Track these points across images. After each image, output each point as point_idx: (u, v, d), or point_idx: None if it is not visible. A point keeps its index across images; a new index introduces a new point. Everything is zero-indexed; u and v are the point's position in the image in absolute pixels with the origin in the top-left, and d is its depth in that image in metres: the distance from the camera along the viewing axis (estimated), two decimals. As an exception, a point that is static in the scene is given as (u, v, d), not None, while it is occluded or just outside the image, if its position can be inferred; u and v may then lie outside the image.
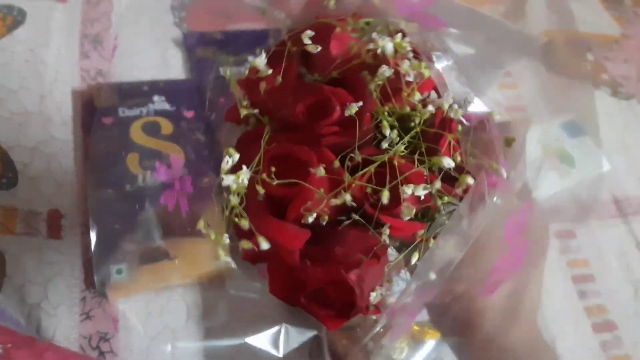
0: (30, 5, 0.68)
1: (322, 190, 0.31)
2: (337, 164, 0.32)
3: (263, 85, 0.34)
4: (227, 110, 0.39)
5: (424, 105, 0.33)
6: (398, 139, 0.32)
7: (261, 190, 0.31)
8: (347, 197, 0.31)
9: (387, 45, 0.33)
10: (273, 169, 0.32)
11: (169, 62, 0.69)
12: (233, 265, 0.47)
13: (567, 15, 0.41)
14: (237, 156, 0.32)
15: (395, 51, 0.33)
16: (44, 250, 0.53)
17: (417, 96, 0.33)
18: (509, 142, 0.33)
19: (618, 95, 0.79)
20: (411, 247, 0.32)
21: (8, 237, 0.53)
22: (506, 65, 0.41)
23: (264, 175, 0.32)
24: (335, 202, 0.31)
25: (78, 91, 0.63)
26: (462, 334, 0.36)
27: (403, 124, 0.33)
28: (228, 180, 0.31)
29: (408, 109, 0.33)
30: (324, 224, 0.32)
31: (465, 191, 0.31)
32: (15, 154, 0.58)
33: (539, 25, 0.42)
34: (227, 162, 0.32)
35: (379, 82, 0.32)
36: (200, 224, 0.33)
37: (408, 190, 0.30)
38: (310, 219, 0.31)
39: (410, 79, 0.33)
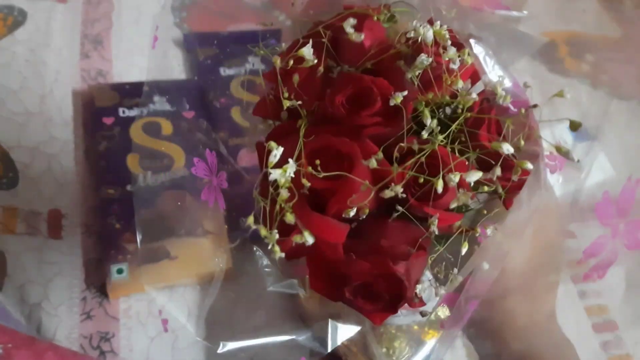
0: (31, 6, 0.68)
1: (366, 182, 0.30)
2: (380, 155, 0.31)
3: (296, 78, 0.33)
4: (255, 105, 0.38)
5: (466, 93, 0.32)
6: (438, 128, 0.32)
7: (307, 183, 0.31)
8: (398, 189, 0.30)
9: (428, 33, 0.32)
10: (318, 161, 0.31)
11: (169, 62, 0.69)
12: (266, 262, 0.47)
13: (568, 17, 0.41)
14: (281, 150, 0.31)
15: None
16: (44, 250, 0.53)
17: (460, 83, 0.32)
18: (574, 126, 0.32)
19: (618, 96, 0.79)
20: (452, 237, 0.32)
21: (9, 236, 0.53)
22: (507, 65, 0.41)
23: (310, 169, 0.31)
24: (388, 194, 0.30)
25: (79, 91, 0.64)
26: (493, 343, 0.36)
27: (438, 113, 0.33)
28: (275, 174, 0.30)
29: (448, 98, 0.32)
30: (364, 217, 0.31)
31: (521, 178, 0.31)
32: (15, 154, 0.58)
33: (540, 26, 0.42)
34: (275, 155, 0.30)
35: (418, 71, 0.32)
36: (250, 220, 0.31)
37: (455, 178, 0.30)
38: (352, 213, 0.30)
39: (453, 66, 0.32)
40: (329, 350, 0.45)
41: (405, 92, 0.31)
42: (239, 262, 0.54)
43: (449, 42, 0.33)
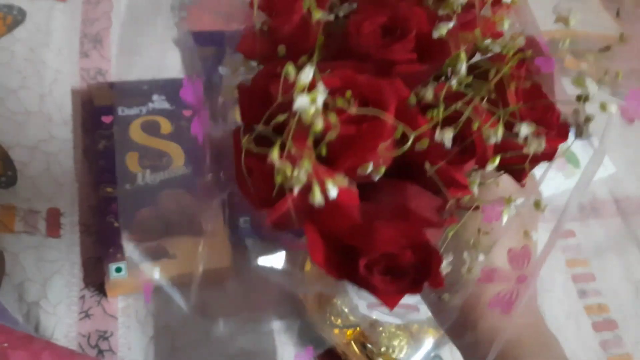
0: (31, 5, 0.68)
1: (401, 126, 0.25)
2: (413, 100, 0.26)
3: (308, 2, 0.27)
4: (240, 40, 0.31)
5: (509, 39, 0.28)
6: (469, 78, 0.27)
7: (334, 119, 0.24)
8: (448, 134, 0.25)
9: None
10: (349, 93, 0.25)
11: (168, 62, 0.69)
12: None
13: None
14: (311, 70, 0.24)
15: None
16: (43, 248, 0.53)
17: (507, 24, 0.28)
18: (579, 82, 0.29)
19: (617, 95, 0.79)
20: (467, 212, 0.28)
21: (7, 235, 0.52)
22: None
23: (340, 101, 0.25)
24: (421, 145, 0.25)
25: (78, 90, 0.64)
26: (465, 327, 0.35)
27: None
28: (302, 100, 0.23)
29: (489, 40, 0.28)
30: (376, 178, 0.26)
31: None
32: (15, 153, 0.58)
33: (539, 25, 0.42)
34: (307, 74, 0.24)
35: (454, 10, 0.27)
36: (274, 154, 0.24)
37: (497, 133, 0.25)
38: (369, 169, 0.25)
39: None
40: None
41: (452, 23, 0.26)
42: (238, 260, 0.54)
43: None
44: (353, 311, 0.50)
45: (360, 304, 0.51)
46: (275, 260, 0.46)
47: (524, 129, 0.26)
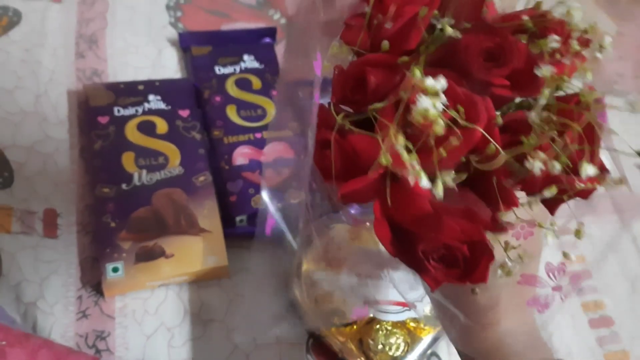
0: (26, 6, 0.68)
1: (493, 143, 0.28)
2: (500, 120, 0.29)
3: (424, 11, 0.31)
4: (345, 29, 0.35)
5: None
6: (545, 113, 0.30)
7: (441, 123, 0.27)
8: (537, 164, 0.28)
9: (577, 14, 0.31)
10: (461, 108, 0.28)
11: (164, 62, 0.69)
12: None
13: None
14: (443, 81, 0.28)
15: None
16: (40, 249, 0.53)
17: (590, 76, 0.31)
18: None
19: (613, 93, 0.79)
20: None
21: (4, 236, 0.53)
22: None
23: (452, 112, 0.28)
24: (512, 164, 0.29)
25: (74, 91, 0.64)
26: (469, 314, 0.36)
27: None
28: (425, 102, 0.27)
29: (570, 85, 0.31)
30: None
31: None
32: (11, 153, 0.58)
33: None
34: (441, 83, 0.28)
35: (546, 50, 0.30)
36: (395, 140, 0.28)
37: (558, 165, 0.28)
38: (452, 176, 0.28)
39: (600, 55, 0.31)
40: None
41: (553, 68, 0.29)
42: (235, 260, 0.54)
43: (592, 34, 0.32)
44: (350, 309, 0.50)
45: (357, 302, 0.51)
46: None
47: (590, 169, 0.29)
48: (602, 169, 0.31)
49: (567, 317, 0.59)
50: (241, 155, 0.60)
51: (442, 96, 0.28)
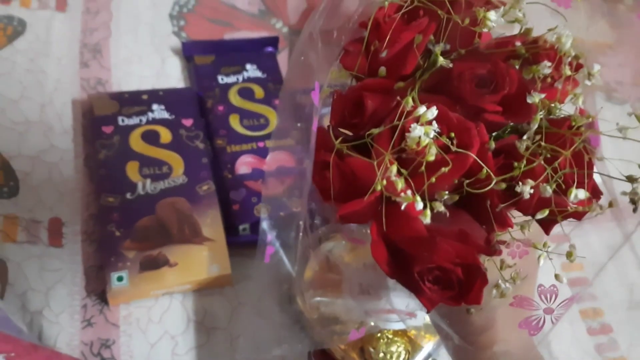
0: (31, 16, 0.69)
1: (486, 168, 0.29)
2: (492, 144, 0.30)
3: (419, 38, 0.33)
4: (344, 54, 0.36)
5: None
6: (538, 137, 0.31)
7: (434, 151, 0.29)
8: (527, 188, 0.29)
9: (568, 41, 0.32)
10: (452, 134, 0.30)
11: (167, 70, 0.69)
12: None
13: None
14: (434, 110, 0.29)
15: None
16: (45, 258, 0.54)
17: (581, 101, 0.32)
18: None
19: (612, 100, 0.80)
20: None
21: (10, 245, 0.53)
22: None
23: (444, 138, 0.29)
24: (500, 186, 0.30)
25: (78, 100, 0.64)
26: (464, 335, 0.37)
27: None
28: (418, 131, 0.29)
29: (561, 110, 0.32)
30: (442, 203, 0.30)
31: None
32: (16, 163, 0.58)
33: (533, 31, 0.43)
34: (431, 113, 0.29)
35: (537, 76, 0.32)
36: (392, 169, 0.29)
37: (549, 189, 0.30)
38: (445, 196, 0.30)
39: (589, 82, 0.32)
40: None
41: (544, 96, 0.31)
42: (238, 268, 0.55)
43: (583, 59, 0.33)
44: (351, 317, 0.51)
45: (358, 310, 0.51)
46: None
47: (581, 194, 0.30)
48: (596, 193, 0.32)
49: (566, 325, 0.60)
50: (244, 164, 0.61)
51: (435, 124, 0.29)
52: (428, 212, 0.29)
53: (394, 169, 0.29)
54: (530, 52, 0.33)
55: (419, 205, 0.29)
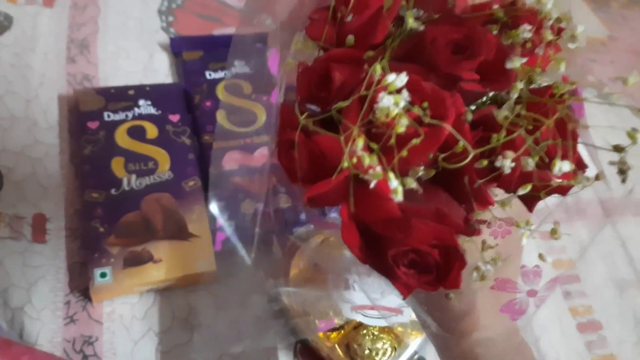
0: (18, 11, 0.68)
1: (463, 141, 0.27)
2: (469, 116, 0.28)
3: (389, 2, 0.30)
4: (310, 24, 0.33)
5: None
6: (519, 107, 0.29)
7: (404, 122, 0.26)
8: (507, 162, 0.27)
9: (549, 2, 0.29)
10: (425, 104, 0.27)
11: (155, 66, 0.69)
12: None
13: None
14: (403, 76, 0.27)
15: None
16: (28, 254, 0.53)
17: (563, 67, 0.30)
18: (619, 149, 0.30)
19: (604, 97, 0.79)
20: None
21: (-8, 241, 0.53)
22: None
23: (416, 108, 0.27)
24: (481, 163, 0.27)
25: (64, 96, 0.64)
26: (443, 323, 0.36)
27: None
28: (387, 100, 0.26)
29: (543, 77, 0.30)
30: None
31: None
32: (0, 158, 0.58)
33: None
34: (402, 79, 0.26)
35: (518, 41, 0.29)
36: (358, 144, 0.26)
37: (532, 162, 0.27)
38: (420, 173, 0.28)
39: (572, 45, 0.30)
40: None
41: (525, 60, 0.29)
42: (223, 265, 0.54)
43: (565, 22, 0.30)
44: (336, 314, 0.50)
45: (344, 307, 0.51)
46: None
47: (565, 166, 0.28)
48: (580, 165, 0.30)
49: (555, 321, 0.59)
50: (231, 161, 0.60)
51: (405, 93, 0.27)
52: (399, 188, 0.26)
53: (361, 142, 0.26)
54: (509, 15, 0.30)
55: (392, 182, 0.26)
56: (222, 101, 0.61)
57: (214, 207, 0.41)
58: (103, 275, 0.51)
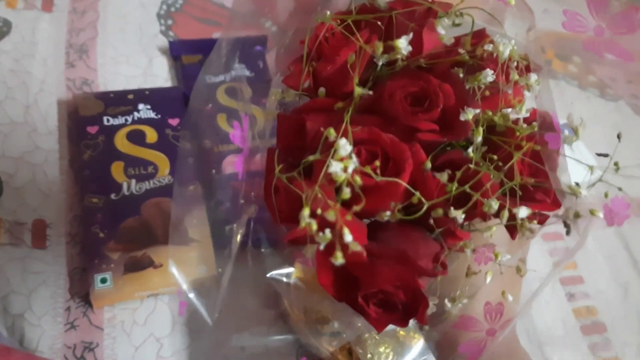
0: (16, 16, 0.68)
1: (417, 194, 0.28)
2: (428, 165, 0.30)
3: (352, 57, 0.31)
4: (289, 74, 0.35)
5: (526, 122, 0.31)
6: (485, 148, 0.31)
7: (359, 182, 0.28)
8: (458, 214, 0.29)
9: (506, 50, 0.31)
10: (378, 162, 0.29)
11: (155, 70, 0.69)
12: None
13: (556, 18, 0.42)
14: (349, 147, 0.28)
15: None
16: (28, 260, 0.53)
17: (524, 110, 0.31)
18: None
19: (606, 97, 0.79)
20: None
21: (-8, 247, 0.52)
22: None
23: (368, 168, 0.28)
24: (436, 212, 0.29)
25: (64, 101, 0.63)
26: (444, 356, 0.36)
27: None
28: (336, 167, 0.27)
29: (505, 120, 0.31)
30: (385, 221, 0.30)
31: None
32: (0, 164, 0.57)
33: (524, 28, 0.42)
34: (345, 148, 0.28)
35: (479, 85, 0.31)
36: (304, 212, 0.27)
37: (495, 205, 0.29)
38: (387, 217, 0.29)
39: (527, 93, 0.31)
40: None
41: (478, 111, 0.30)
42: (223, 269, 0.54)
43: (523, 66, 0.32)
44: (340, 318, 0.50)
45: (346, 311, 0.51)
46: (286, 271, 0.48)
47: (523, 212, 0.29)
48: (555, 202, 0.31)
49: (559, 324, 0.59)
50: (231, 164, 0.60)
51: (354, 157, 0.28)
52: (339, 254, 0.27)
53: (307, 211, 0.27)
54: (474, 60, 0.32)
55: (347, 237, 0.27)
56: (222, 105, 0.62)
57: (173, 269, 0.43)
58: (103, 280, 0.51)
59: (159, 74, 0.68)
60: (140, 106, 0.62)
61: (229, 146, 0.61)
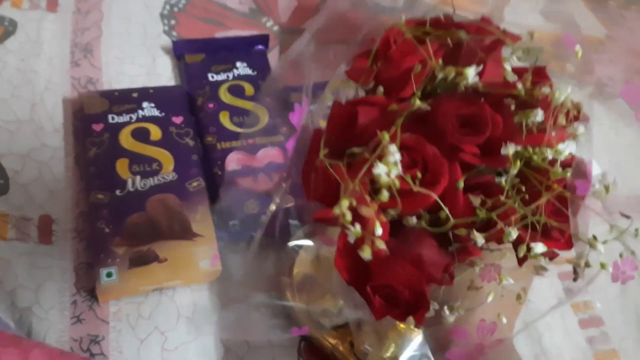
0: (22, 16, 0.69)
1: (446, 210, 0.31)
2: (461, 184, 0.31)
3: (418, 68, 0.33)
4: (353, 67, 0.37)
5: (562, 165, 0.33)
6: (517, 180, 0.32)
7: (397, 185, 0.30)
8: (480, 237, 0.31)
9: (562, 95, 0.32)
10: (419, 173, 0.31)
11: (158, 69, 0.70)
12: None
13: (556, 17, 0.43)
14: (398, 155, 0.30)
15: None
16: (35, 255, 0.54)
17: (564, 155, 0.32)
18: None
19: (603, 95, 0.80)
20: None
21: (0, 242, 0.53)
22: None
23: (408, 177, 0.30)
24: (460, 231, 0.31)
25: (69, 99, 0.64)
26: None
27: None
28: (381, 169, 0.29)
29: (542, 160, 0.32)
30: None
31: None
32: (6, 161, 0.58)
33: (524, 27, 0.43)
34: (394, 155, 0.30)
35: (528, 121, 0.32)
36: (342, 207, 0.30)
37: (514, 234, 0.31)
38: (413, 221, 0.31)
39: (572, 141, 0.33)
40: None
41: (519, 148, 0.31)
42: (228, 263, 0.55)
43: (574, 114, 0.33)
44: (340, 311, 0.51)
45: (349, 302, 0.51)
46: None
47: (539, 248, 0.32)
48: (568, 243, 0.34)
49: (558, 318, 0.59)
50: (234, 161, 0.61)
51: (399, 165, 0.30)
52: (368, 249, 0.29)
53: (345, 203, 0.29)
54: (528, 96, 0.33)
55: (378, 232, 0.29)
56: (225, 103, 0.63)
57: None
58: (109, 275, 0.52)
59: (162, 73, 0.69)
60: (145, 104, 0.63)
61: (231, 143, 0.62)
